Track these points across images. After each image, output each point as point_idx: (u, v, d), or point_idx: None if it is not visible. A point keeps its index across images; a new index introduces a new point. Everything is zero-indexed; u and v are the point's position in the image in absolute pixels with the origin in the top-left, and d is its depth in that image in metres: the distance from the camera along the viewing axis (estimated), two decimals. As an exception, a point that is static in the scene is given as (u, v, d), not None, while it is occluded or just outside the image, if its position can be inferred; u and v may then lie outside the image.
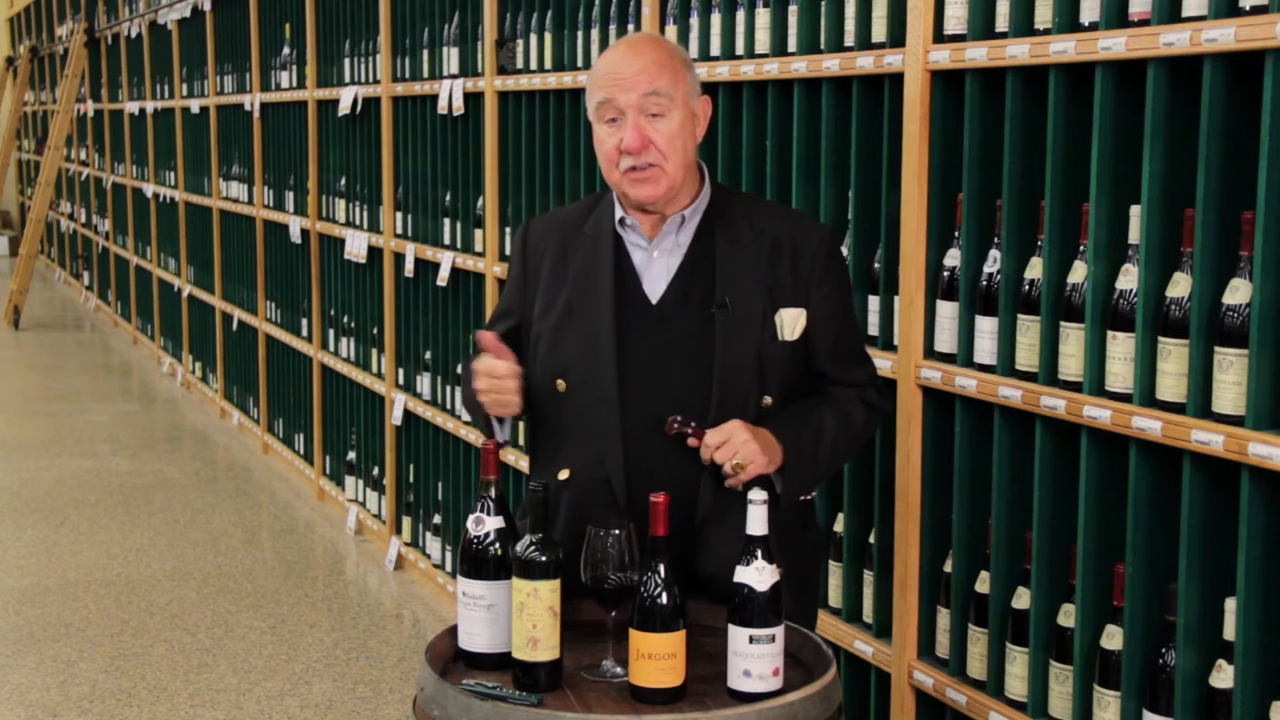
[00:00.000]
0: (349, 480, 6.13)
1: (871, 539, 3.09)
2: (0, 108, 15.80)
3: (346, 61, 5.94)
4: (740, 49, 3.34)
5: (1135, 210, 2.43)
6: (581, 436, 2.41)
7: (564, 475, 2.42)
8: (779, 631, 2.11)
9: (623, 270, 2.43)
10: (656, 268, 2.43)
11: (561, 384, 2.41)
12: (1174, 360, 2.32)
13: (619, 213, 2.45)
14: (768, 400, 2.39)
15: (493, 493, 2.25)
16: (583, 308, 2.41)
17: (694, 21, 3.48)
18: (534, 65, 4.33)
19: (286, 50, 6.77)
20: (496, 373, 2.36)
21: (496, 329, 2.53)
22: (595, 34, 3.98)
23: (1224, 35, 2.18)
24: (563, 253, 2.48)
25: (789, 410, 2.41)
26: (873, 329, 3.03)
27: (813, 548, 2.62)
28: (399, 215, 5.47)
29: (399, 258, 5.45)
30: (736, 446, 2.28)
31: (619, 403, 2.38)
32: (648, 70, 2.35)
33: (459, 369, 4.95)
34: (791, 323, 2.40)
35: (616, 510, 2.36)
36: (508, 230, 4.55)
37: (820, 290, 2.43)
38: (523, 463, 4.44)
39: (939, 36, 2.78)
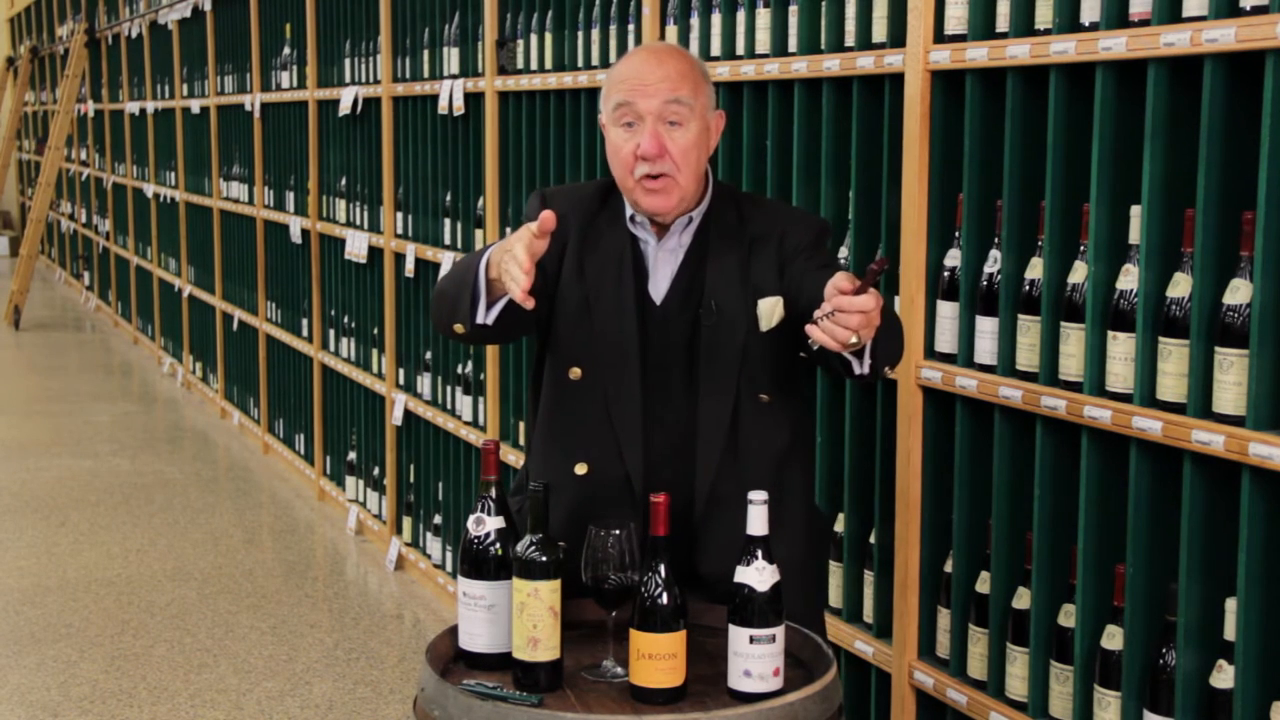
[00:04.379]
0: (349, 480, 6.13)
1: (872, 539, 3.09)
2: (0, 108, 15.80)
3: (347, 61, 5.94)
4: (740, 49, 3.34)
5: (1135, 210, 2.43)
6: (599, 430, 2.41)
7: (582, 470, 2.42)
8: (779, 632, 2.11)
9: (637, 267, 2.45)
10: (661, 268, 2.45)
11: (577, 371, 2.42)
12: (1174, 360, 2.32)
13: (629, 209, 2.46)
14: (764, 397, 2.40)
15: (493, 493, 2.26)
16: (601, 304, 2.41)
17: (694, 21, 3.48)
18: (534, 65, 4.33)
19: (287, 50, 6.77)
20: (530, 240, 2.13)
21: (482, 251, 2.47)
22: (595, 34, 3.98)
23: (1224, 35, 2.18)
24: (583, 236, 2.45)
25: None
26: (873, 329, 3.03)
27: (820, 534, 2.62)
28: (399, 215, 5.47)
29: (399, 258, 5.45)
30: (872, 320, 2.04)
31: (641, 401, 2.38)
32: (670, 79, 2.35)
33: (445, 276, 4.95)
34: (768, 312, 2.30)
35: (632, 504, 2.36)
36: (508, 231, 4.54)
37: (797, 262, 2.36)
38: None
39: (939, 36, 2.78)
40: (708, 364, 2.39)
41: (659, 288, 2.44)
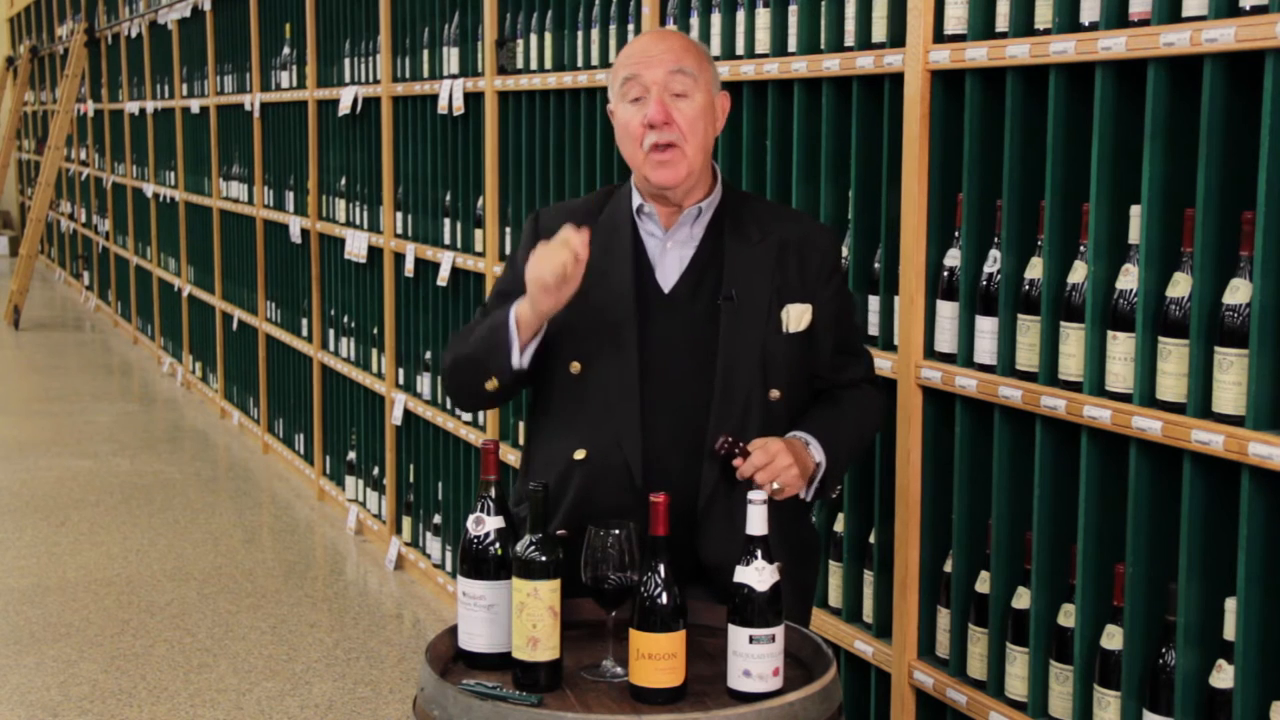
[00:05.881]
0: (349, 480, 6.13)
1: (871, 539, 3.09)
2: (0, 108, 15.80)
3: (346, 61, 5.95)
4: (740, 49, 3.34)
5: (1135, 210, 2.43)
6: (597, 420, 2.42)
7: (580, 455, 2.43)
8: (779, 631, 2.11)
9: (638, 258, 2.46)
10: (670, 258, 2.47)
11: (576, 366, 2.42)
12: (1174, 360, 2.32)
13: (637, 200, 2.48)
14: (775, 394, 2.43)
15: (493, 493, 2.26)
16: (601, 293, 2.42)
17: (694, 21, 3.48)
18: (534, 65, 4.33)
19: (286, 50, 6.77)
20: (573, 245, 2.26)
21: (504, 308, 2.50)
22: (595, 34, 3.98)
23: (1224, 35, 2.18)
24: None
25: (821, 421, 2.47)
26: (873, 329, 3.03)
27: (810, 546, 2.62)
28: (399, 215, 5.47)
29: (399, 258, 5.45)
30: (778, 470, 2.33)
31: (639, 388, 2.40)
32: (674, 50, 2.41)
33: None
34: (797, 316, 2.45)
35: (632, 491, 2.36)
36: (508, 230, 4.55)
37: (826, 291, 2.48)
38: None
39: (939, 36, 2.78)
40: (724, 355, 2.41)
41: (668, 276, 2.46)
